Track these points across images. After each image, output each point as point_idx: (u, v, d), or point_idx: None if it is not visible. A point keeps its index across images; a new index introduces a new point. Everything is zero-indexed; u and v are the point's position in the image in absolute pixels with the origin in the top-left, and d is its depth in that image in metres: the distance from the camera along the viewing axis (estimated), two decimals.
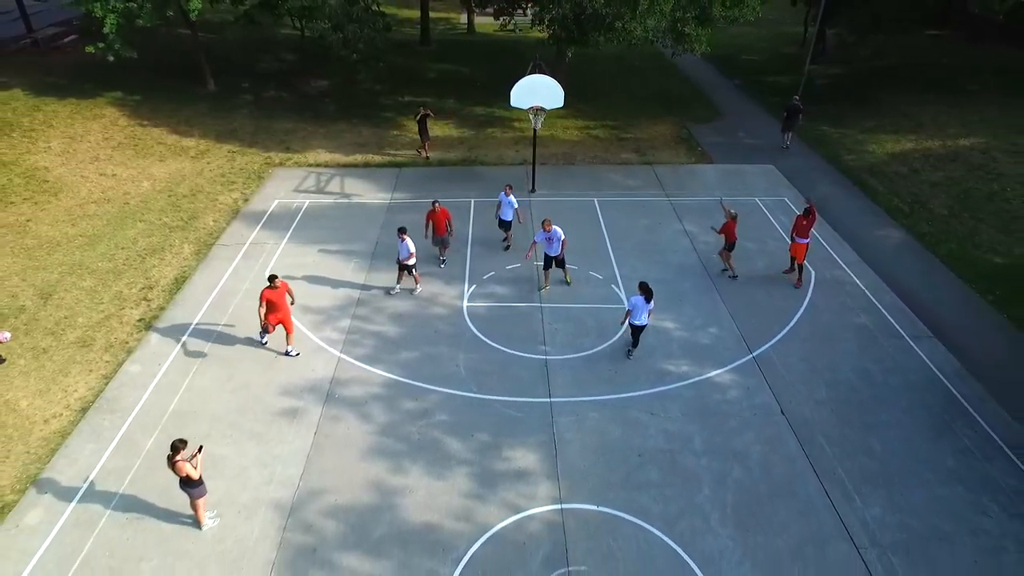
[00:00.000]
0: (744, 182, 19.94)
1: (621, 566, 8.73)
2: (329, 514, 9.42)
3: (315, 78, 28.21)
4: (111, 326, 13.21)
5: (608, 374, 12.11)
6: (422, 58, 32.07)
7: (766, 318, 13.72)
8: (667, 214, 17.91)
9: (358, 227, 16.97)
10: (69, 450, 10.39)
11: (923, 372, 12.31)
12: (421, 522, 9.31)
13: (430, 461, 10.27)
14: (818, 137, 23.50)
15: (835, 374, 12.20)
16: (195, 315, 13.55)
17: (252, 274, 14.91)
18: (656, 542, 9.05)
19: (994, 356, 12.73)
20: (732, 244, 14.65)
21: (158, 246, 15.99)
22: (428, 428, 10.90)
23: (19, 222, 16.70)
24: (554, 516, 9.41)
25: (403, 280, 14.19)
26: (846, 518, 9.43)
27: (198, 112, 24.11)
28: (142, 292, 14.29)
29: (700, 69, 31.95)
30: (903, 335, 13.25)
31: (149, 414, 11.08)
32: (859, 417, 11.24)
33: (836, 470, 10.21)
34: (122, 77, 25.16)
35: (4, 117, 21.13)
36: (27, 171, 18.95)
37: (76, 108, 22.83)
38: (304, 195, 18.75)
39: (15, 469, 10.04)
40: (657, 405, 11.40)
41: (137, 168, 19.99)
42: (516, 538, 9.09)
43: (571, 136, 23.45)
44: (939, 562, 8.85)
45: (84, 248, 15.82)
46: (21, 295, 14.04)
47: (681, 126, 24.74)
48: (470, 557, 8.82)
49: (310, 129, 23.61)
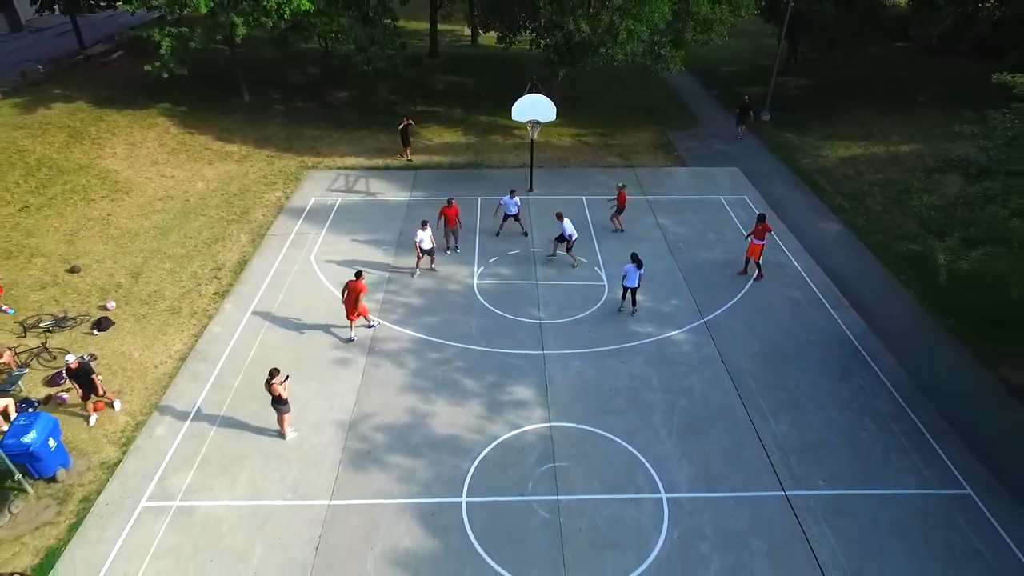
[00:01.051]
0: (712, 182, 23.25)
1: (593, 463, 12.05)
2: (377, 429, 12.74)
3: (337, 89, 31.52)
4: (192, 298, 16.53)
5: (589, 334, 15.43)
6: (431, 70, 35.39)
7: (718, 293, 17.05)
8: (643, 209, 21.21)
9: (384, 220, 20.28)
10: (177, 387, 13.72)
11: (837, 333, 15.63)
12: (446, 434, 12.63)
13: (451, 394, 13.60)
14: (781, 143, 26.82)
15: (767, 334, 15.52)
16: (258, 290, 16.87)
17: (300, 258, 18.24)
18: (620, 448, 12.36)
19: (895, 320, 16.06)
20: (622, 209, 19.32)
21: (220, 235, 19.30)
22: (448, 372, 14.22)
23: (102, 216, 20.02)
24: (544, 431, 12.73)
25: (421, 264, 17.49)
26: (761, 432, 12.75)
27: (237, 121, 27.43)
28: (212, 272, 17.60)
29: (683, 80, 35.22)
30: (826, 305, 16.58)
31: (233, 362, 14.41)
32: (781, 365, 14.56)
33: (758, 401, 13.53)
34: (168, 89, 28.44)
35: (75, 126, 24.41)
36: (101, 173, 22.27)
37: (133, 118, 26.15)
38: (336, 193, 22.07)
39: (140, 399, 13.37)
40: (626, 356, 14.73)
41: (191, 170, 23.31)
42: (516, 445, 12.41)
43: (564, 142, 26.76)
44: (825, 461, 12.17)
45: (159, 237, 19.14)
46: (116, 274, 17.37)
47: (661, 133, 28.06)
48: (483, 457, 12.12)
49: (335, 136, 26.92)
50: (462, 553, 10.40)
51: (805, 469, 11.96)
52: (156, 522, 10.82)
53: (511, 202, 18.65)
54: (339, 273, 16.82)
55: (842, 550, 10.53)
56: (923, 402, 13.52)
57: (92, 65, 30.96)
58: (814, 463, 12.11)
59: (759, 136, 27.75)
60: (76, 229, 19.24)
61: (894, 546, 10.61)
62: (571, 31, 21.76)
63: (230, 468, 11.82)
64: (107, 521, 10.84)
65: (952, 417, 13.13)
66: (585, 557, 10.35)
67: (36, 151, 22.27)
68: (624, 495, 11.39)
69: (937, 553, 10.53)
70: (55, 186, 20.97)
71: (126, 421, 12.82)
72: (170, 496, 11.28)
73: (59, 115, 25.08)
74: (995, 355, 14.70)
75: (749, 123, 27.24)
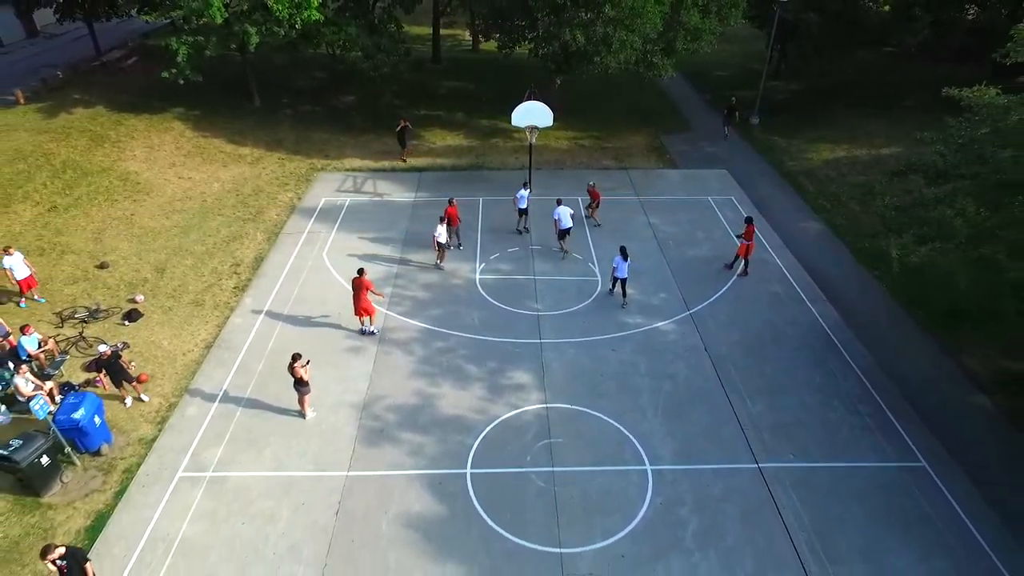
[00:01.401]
0: (701, 184, 24.50)
1: (585, 439, 13.30)
2: (389, 410, 13.99)
3: (343, 93, 32.76)
4: (214, 292, 17.78)
5: (583, 324, 16.68)
6: (434, 75, 36.64)
7: (704, 287, 18.29)
8: (636, 210, 22.46)
9: (391, 219, 21.53)
10: (204, 372, 14.96)
11: (812, 324, 16.88)
12: (451, 414, 13.88)
13: (455, 378, 14.84)
14: (769, 146, 28.07)
15: (748, 325, 16.77)
16: (275, 284, 18.12)
17: (313, 255, 19.50)
18: (609, 427, 13.61)
19: (867, 313, 17.30)
20: (598, 203, 20.95)
21: (237, 234, 20.55)
22: (453, 358, 15.46)
23: (126, 215, 21.26)
24: (541, 411, 13.98)
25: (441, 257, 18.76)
26: (739, 413, 14.00)
27: (248, 125, 28.68)
28: (232, 268, 18.85)
29: (676, 84, 36.46)
30: (804, 299, 17.82)
31: (255, 349, 15.65)
32: (760, 352, 15.81)
33: (737, 385, 14.77)
34: (182, 94, 29.63)
35: (95, 131, 25.65)
36: (122, 175, 23.51)
37: (150, 122, 27.40)
38: (345, 194, 23.31)
39: (171, 383, 14.62)
40: (617, 344, 15.98)
41: (207, 172, 24.56)
42: (515, 423, 13.66)
43: (561, 145, 28.00)
44: (795, 437, 13.41)
45: (180, 235, 20.38)
46: (142, 270, 18.61)
47: (655, 136, 29.31)
48: (485, 434, 13.37)
49: (343, 139, 28.17)
50: (467, 517, 11.65)
51: (777, 445, 13.21)
52: (192, 490, 12.07)
53: (523, 196, 19.96)
54: (350, 269, 18.04)
55: (807, 514, 11.78)
56: (888, 386, 14.77)
57: (108, 71, 32.21)
58: (785, 439, 13.36)
59: (748, 139, 29.00)
60: (102, 228, 20.48)
61: (854, 511, 11.86)
62: (567, 41, 23.01)
63: (256, 443, 13.07)
64: (148, 489, 12.09)
65: (914, 400, 14.38)
66: (577, 520, 11.60)
67: (61, 154, 23.51)
68: (612, 467, 12.64)
69: (893, 518, 11.77)
70: (80, 187, 22.21)
71: (160, 403, 14.07)
72: (203, 468, 12.53)
73: (80, 119, 26.33)
74: (956, 344, 15.96)
75: (735, 123, 28.99)
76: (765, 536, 11.38)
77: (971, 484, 12.43)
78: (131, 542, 11.12)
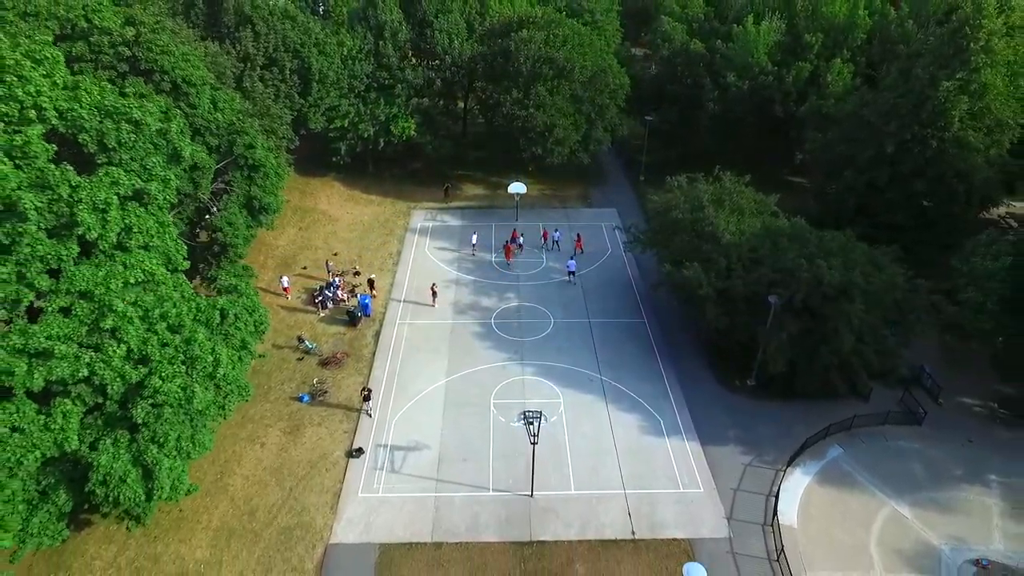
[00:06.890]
0: (601, 216, 49.91)
1: (534, 314, 38.90)
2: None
3: (413, 161, 58.12)
4: (385, 264, 43.28)
5: (534, 277, 42.18)
6: (465, 147, 61.94)
7: (587, 264, 43.91)
8: (567, 230, 47.89)
9: (458, 237, 46.85)
10: (394, 293, 40.52)
11: (627, 281, 42.39)
12: (486, 305, 39.49)
13: (488, 290, 40.33)
14: (643, 193, 53.42)
15: (600, 279, 42.30)
16: (408, 261, 43.61)
17: (421, 252, 44.97)
18: (543, 312, 39.12)
19: (651, 272, 42.82)
20: (545, 239, 45.27)
21: (385, 240, 46.00)
22: (485, 287, 40.93)
23: (332, 232, 46.69)
24: (518, 304, 39.63)
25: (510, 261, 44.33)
26: (588, 305, 39.57)
27: (369, 183, 53.97)
28: (385, 262, 44.25)
29: (606, 155, 61.68)
30: (626, 266, 43.35)
31: (407, 284, 41.16)
32: (602, 290, 41.40)
33: (591, 305, 40.40)
34: (331, 165, 54.71)
35: (300, 188, 51.06)
36: (321, 212, 48.94)
37: (322, 182, 52.83)
38: (428, 222, 48.71)
39: (383, 296, 40.28)
40: (549, 285, 41.53)
41: (358, 209, 49.99)
42: (509, 307, 39.20)
43: (533, 193, 53.24)
44: (606, 311, 39.05)
45: (360, 240, 45.80)
46: (352, 255, 44.05)
47: (585, 188, 54.70)
48: (497, 311, 38.88)
49: (419, 191, 53.50)
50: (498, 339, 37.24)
51: (598, 313, 38.68)
52: (404, 326, 37.53)
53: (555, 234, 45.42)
54: (440, 256, 43.30)
55: (597, 339, 37.28)
56: (646, 298, 40.18)
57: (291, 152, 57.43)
58: (600, 314, 38.84)
59: (635, 190, 54.38)
60: (325, 237, 45.90)
61: (614, 339, 37.33)
62: (537, 154, 48.59)
63: (419, 314, 38.53)
64: (389, 326, 37.58)
65: (652, 302, 39.79)
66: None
67: (292, 201, 48.95)
68: (539, 320, 38.12)
69: (630, 345, 37.23)
70: (307, 219, 47.65)
71: (381, 300, 39.53)
72: (403, 320, 38.01)
73: (291, 182, 51.67)
74: None
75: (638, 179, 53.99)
76: (587, 347, 36.86)
77: (659, 330, 37.95)
78: (387, 336, 36.63)
